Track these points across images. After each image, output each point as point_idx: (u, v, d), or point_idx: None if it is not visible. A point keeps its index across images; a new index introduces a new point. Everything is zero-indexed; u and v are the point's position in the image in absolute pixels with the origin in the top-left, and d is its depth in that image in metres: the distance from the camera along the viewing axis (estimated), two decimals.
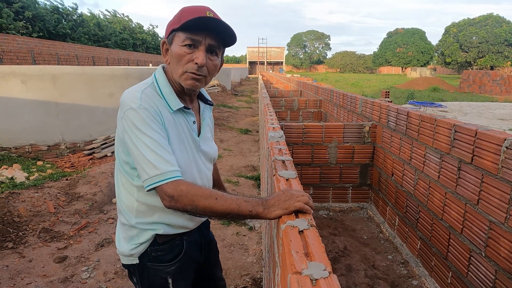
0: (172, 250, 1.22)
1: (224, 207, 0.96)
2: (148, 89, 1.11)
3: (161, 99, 1.12)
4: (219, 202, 0.96)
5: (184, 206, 0.97)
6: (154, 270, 1.21)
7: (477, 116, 10.53)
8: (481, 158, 1.79)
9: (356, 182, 3.46)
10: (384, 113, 3.10)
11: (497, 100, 16.41)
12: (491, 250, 1.72)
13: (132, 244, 1.19)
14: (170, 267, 1.22)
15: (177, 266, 1.23)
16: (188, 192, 0.97)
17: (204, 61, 1.07)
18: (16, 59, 13.36)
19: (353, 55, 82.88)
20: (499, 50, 44.30)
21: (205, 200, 0.96)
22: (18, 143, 5.70)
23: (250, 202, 0.97)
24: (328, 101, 5.56)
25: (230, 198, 0.98)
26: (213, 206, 0.96)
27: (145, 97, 1.06)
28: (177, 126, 1.13)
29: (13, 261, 2.81)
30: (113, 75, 6.35)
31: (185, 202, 0.96)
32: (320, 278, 0.63)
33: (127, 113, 1.03)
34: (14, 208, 3.43)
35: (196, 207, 0.97)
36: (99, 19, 25.90)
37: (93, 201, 3.89)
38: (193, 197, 0.96)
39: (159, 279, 1.22)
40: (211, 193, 0.98)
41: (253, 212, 0.96)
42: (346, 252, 2.75)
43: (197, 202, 0.96)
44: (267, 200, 0.97)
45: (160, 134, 1.03)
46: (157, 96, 1.11)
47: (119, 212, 1.23)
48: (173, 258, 1.22)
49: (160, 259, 1.20)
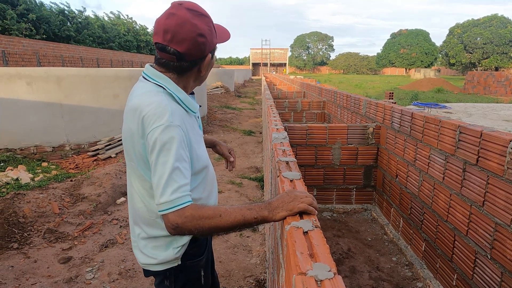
0: (203, 243, 1.33)
1: (229, 222, 0.97)
2: (169, 101, 1.08)
3: (179, 105, 1.12)
4: (223, 218, 0.97)
5: (190, 231, 0.99)
6: (192, 266, 1.28)
7: (482, 117, 10.47)
8: (486, 159, 1.78)
9: (360, 184, 3.45)
10: (388, 114, 3.09)
11: (502, 101, 16.29)
12: (497, 252, 1.71)
13: (174, 249, 1.20)
14: (202, 260, 1.32)
15: (205, 258, 1.34)
16: (192, 217, 0.97)
17: None
18: (21, 61, 13.47)
19: (357, 56, 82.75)
20: (503, 51, 44.00)
21: (210, 221, 0.97)
22: (23, 144, 5.74)
23: (254, 208, 0.97)
24: (332, 102, 5.55)
25: (233, 211, 0.97)
26: (219, 224, 0.97)
27: (174, 112, 1.04)
28: (194, 128, 1.18)
29: (18, 262, 2.83)
30: (117, 76, 6.39)
31: (190, 227, 0.97)
32: (325, 279, 0.63)
33: (156, 130, 1.00)
34: (19, 209, 3.45)
35: (202, 229, 0.98)
36: (104, 21, 26.06)
37: (98, 202, 3.91)
38: (198, 220, 0.97)
39: (195, 273, 1.31)
40: (214, 212, 0.97)
41: (258, 218, 0.96)
42: (350, 253, 2.74)
43: (202, 225, 0.97)
44: (271, 202, 0.97)
45: (183, 157, 1.02)
46: (177, 104, 1.10)
47: (144, 224, 1.20)
48: (204, 251, 1.33)
49: (196, 255, 1.28)
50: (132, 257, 2.94)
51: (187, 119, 1.12)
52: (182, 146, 1.02)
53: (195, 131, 1.18)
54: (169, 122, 1.01)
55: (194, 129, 1.17)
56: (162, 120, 1.00)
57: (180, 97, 1.12)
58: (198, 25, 1.06)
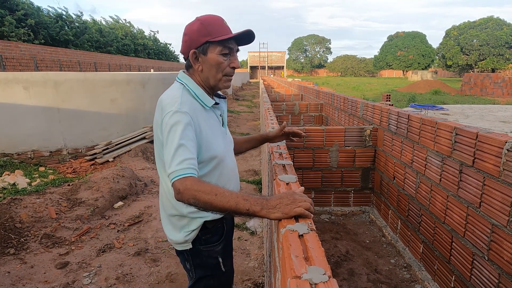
0: (218, 232, 1.41)
1: (222, 203, 1.01)
2: (184, 94, 1.27)
3: (195, 100, 1.29)
4: (218, 198, 1.02)
5: (187, 200, 1.05)
6: (207, 251, 1.40)
7: (479, 119, 10.51)
8: (482, 160, 1.79)
9: (357, 186, 3.45)
10: (385, 116, 3.10)
11: (499, 103, 16.37)
12: (494, 253, 1.71)
13: (185, 232, 1.36)
14: (218, 246, 1.41)
15: (222, 245, 1.42)
16: (191, 187, 1.05)
17: (239, 64, 1.33)
18: (19, 65, 13.44)
19: (354, 59, 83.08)
20: (500, 53, 44.26)
21: (205, 195, 1.03)
22: (20, 149, 5.72)
23: (249, 200, 1.00)
24: (329, 105, 5.56)
25: (229, 195, 1.02)
26: (212, 202, 1.02)
27: (185, 101, 1.23)
28: (210, 121, 1.32)
29: (15, 267, 2.81)
30: (115, 80, 6.39)
31: (188, 196, 1.04)
32: (319, 282, 0.63)
33: (170, 114, 1.18)
34: (16, 214, 3.43)
35: (198, 201, 1.04)
36: (101, 25, 26.08)
37: (95, 207, 3.89)
38: (195, 192, 1.04)
39: (212, 259, 1.41)
40: (212, 189, 1.04)
41: (250, 211, 0.99)
42: (348, 256, 2.73)
43: (198, 197, 1.03)
44: (269, 200, 0.98)
45: (189, 137, 1.16)
46: (192, 98, 1.28)
47: (167, 204, 1.38)
48: (219, 238, 1.41)
49: (210, 241, 1.39)
50: (130, 262, 2.92)
51: (201, 112, 1.29)
52: (188, 128, 1.16)
53: (211, 123, 1.32)
54: (178, 108, 1.18)
55: (209, 122, 1.32)
56: (173, 107, 1.19)
57: (196, 93, 1.30)
58: (187, 27, 1.29)
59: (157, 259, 2.98)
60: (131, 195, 4.42)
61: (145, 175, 5.16)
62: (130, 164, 5.64)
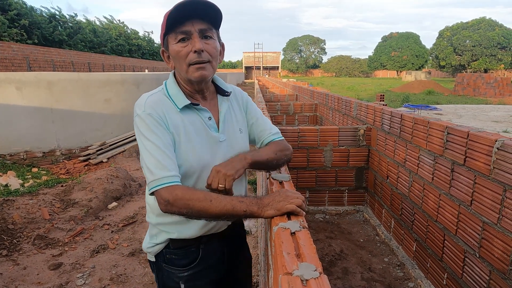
0: (187, 256, 1.22)
1: (218, 209, 0.97)
2: (156, 94, 1.15)
3: (169, 100, 1.14)
4: (213, 204, 0.97)
5: (179, 210, 0.99)
6: (167, 272, 1.24)
7: (472, 119, 10.62)
8: (473, 159, 1.81)
9: (351, 185, 3.47)
10: (379, 116, 3.12)
11: (491, 103, 16.56)
12: (485, 250, 1.73)
13: (150, 243, 1.25)
14: (183, 273, 1.22)
15: (191, 273, 1.23)
16: (183, 196, 0.98)
17: (201, 45, 1.06)
18: (11, 66, 13.31)
19: (349, 59, 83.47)
20: (492, 53, 44.78)
21: (199, 203, 0.97)
22: (13, 150, 5.67)
23: (245, 202, 0.98)
24: (324, 105, 5.58)
25: (224, 199, 0.99)
26: (208, 208, 0.97)
27: (149, 102, 1.10)
28: (185, 126, 1.12)
29: (7, 269, 2.79)
30: (109, 81, 6.36)
31: (180, 205, 0.98)
32: (310, 278, 0.64)
33: (135, 119, 1.10)
34: (8, 215, 3.40)
35: (191, 210, 0.98)
36: (95, 25, 25.92)
37: (89, 207, 3.87)
38: (188, 200, 0.98)
39: (172, 282, 1.24)
40: (205, 196, 0.99)
41: (247, 212, 0.97)
42: (342, 255, 2.75)
43: (192, 205, 0.98)
44: (262, 199, 0.99)
45: (161, 138, 1.05)
46: (164, 98, 1.14)
47: (147, 209, 1.28)
48: (187, 264, 1.22)
49: (173, 263, 1.23)
50: (124, 262, 2.91)
51: (174, 113, 1.12)
52: (158, 128, 1.06)
53: (187, 129, 1.12)
54: (142, 111, 1.08)
55: (186, 127, 1.12)
56: (138, 110, 1.09)
57: (169, 92, 1.16)
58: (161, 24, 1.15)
59: None
60: (125, 195, 4.40)
61: (140, 176, 5.14)
62: (124, 165, 5.62)
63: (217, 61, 1.15)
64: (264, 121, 1.37)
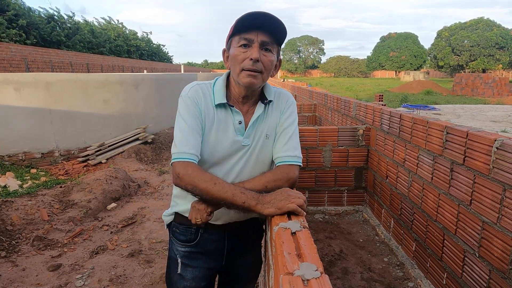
0: (186, 234, 1.31)
1: (219, 193, 1.01)
2: (203, 84, 1.24)
3: (211, 93, 1.22)
4: (216, 187, 1.02)
5: (186, 185, 1.06)
6: (172, 242, 1.36)
7: (470, 118, 10.64)
8: (472, 159, 1.81)
9: (351, 185, 3.47)
10: (378, 116, 3.12)
11: (490, 103, 16.61)
12: (485, 250, 1.73)
13: (166, 212, 1.37)
14: (181, 248, 1.32)
15: (187, 250, 1.32)
16: (192, 173, 1.05)
17: (258, 55, 1.10)
18: (10, 67, 13.28)
19: (347, 59, 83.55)
20: (490, 53, 44.88)
21: (204, 183, 1.03)
22: (12, 151, 5.65)
23: (246, 194, 1.01)
24: (323, 105, 5.59)
25: (227, 187, 1.03)
26: (210, 190, 1.02)
27: (194, 89, 1.21)
28: (214, 121, 1.19)
29: (6, 270, 2.78)
30: (108, 81, 6.35)
31: (187, 181, 1.05)
32: (311, 278, 0.64)
33: (179, 100, 1.20)
34: (7, 216, 3.39)
35: (195, 188, 1.04)
36: (93, 26, 25.88)
37: (88, 208, 3.86)
38: (195, 178, 1.04)
39: (173, 253, 1.35)
40: (211, 178, 1.05)
41: (245, 204, 1.00)
42: (342, 255, 2.75)
43: (197, 184, 1.04)
44: (264, 196, 1.01)
45: (193, 120, 1.15)
46: (208, 90, 1.22)
47: None
48: (185, 241, 1.31)
49: (175, 236, 1.34)
50: (123, 263, 2.91)
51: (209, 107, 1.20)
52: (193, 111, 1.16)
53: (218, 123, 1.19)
54: (185, 94, 1.19)
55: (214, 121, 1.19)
56: (183, 93, 1.21)
57: (214, 87, 1.23)
58: None
59: (151, 260, 2.96)
60: (124, 196, 4.39)
61: (139, 176, 5.13)
62: (123, 166, 5.61)
63: (269, 74, 1.20)
64: (285, 137, 1.25)
